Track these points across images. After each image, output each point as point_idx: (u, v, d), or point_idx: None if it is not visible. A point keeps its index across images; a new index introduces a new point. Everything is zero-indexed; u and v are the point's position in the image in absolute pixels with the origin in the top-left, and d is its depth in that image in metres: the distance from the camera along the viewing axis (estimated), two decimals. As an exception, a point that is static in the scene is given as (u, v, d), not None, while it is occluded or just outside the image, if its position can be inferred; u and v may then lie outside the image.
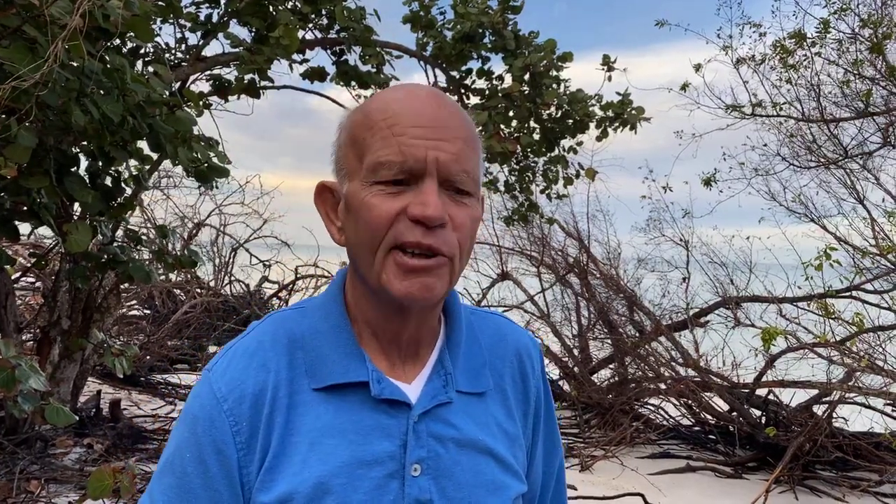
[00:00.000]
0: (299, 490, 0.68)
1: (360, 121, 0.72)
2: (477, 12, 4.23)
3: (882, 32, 4.52)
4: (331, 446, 0.69)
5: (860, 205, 5.86)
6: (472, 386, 0.78)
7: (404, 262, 0.68)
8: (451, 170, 0.69)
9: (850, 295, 6.31)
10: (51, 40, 1.84)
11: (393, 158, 0.68)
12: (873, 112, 5.02)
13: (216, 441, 0.70)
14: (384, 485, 0.69)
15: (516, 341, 0.85)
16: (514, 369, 0.83)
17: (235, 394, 0.71)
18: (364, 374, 0.72)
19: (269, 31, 3.86)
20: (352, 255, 0.74)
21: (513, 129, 4.64)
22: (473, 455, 0.74)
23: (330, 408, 0.71)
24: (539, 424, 0.86)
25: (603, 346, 7.13)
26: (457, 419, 0.75)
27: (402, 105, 0.71)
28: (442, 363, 0.77)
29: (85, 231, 2.61)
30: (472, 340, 0.81)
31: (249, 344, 0.75)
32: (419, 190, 0.68)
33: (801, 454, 5.12)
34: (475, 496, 0.73)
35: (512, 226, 5.98)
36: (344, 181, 0.73)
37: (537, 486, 0.88)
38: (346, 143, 0.74)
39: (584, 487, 4.64)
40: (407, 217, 0.68)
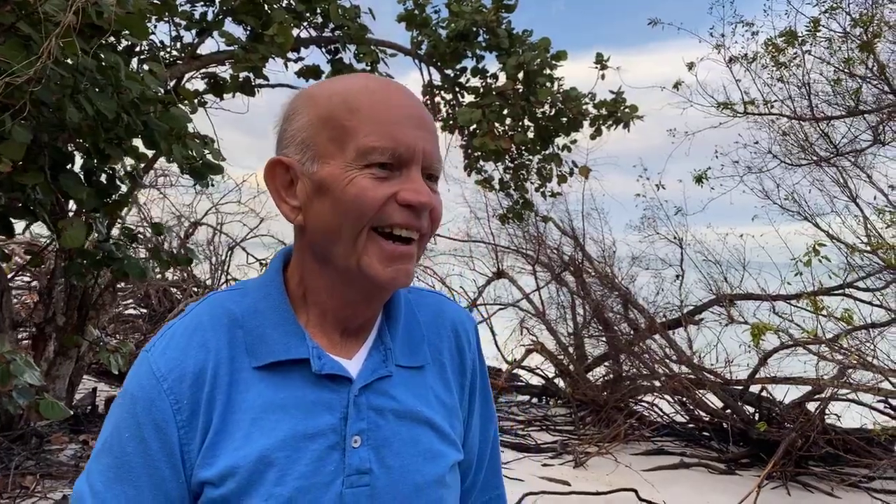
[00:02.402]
0: (241, 464, 0.69)
1: (340, 106, 0.73)
2: (471, 11, 4.25)
3: (872, 31, 4.56)
4: (273, 421, 0.71)
5: (853, 203, 5.90)
6: (410, 360, 0.81)
7: (390, 249, 0.72)
8: (432, 159, 0.74)
9: (843, 292, 6.35)
10: (45, 37, 1.86)
11: (386, 144, 0.70)
12: (864, 110, 5.06)
13: (156, 420, 0.71)
14: (325, 456, 0.72)
15: (453, 318, 0.88)
16: (451, 344, 0.86)
17: (175, 373, 0.72)
18: (304, 351, 0.74)
19: (264, 30, 3.88)
20: (319, 237, 0.74)
21: (507, 127, 4.67)
22: (412, 425, 0.77)
23: (271, 385, 0.73)
24: (475, 396, 0.89)
25: (598, 343, 7.16)
26: (396, 392, 0.77)
27: (386, 94, 0.73)
28: (382, 339, 0.80)
29: (80, 227, 2.62)
30: (410, 317, 0.84)
31: (189, 324, 0.76)
32: (407, 177, 0.72)
33: (794, 450, 5.15)
34: (413, 464, 0.76)
35: (507, 224, 6.00)
36: (313, 161, 0.73)
37: (473, 454, 0.91)
38: (315, 124, 0.74)
39: (578, 483, 4.67)
40: (396, 201, 0.71)
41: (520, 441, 5.79)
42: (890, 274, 5.61)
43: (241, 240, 11.11)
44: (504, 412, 6.83)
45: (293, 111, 0.77)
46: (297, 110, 0.76)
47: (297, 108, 0.76)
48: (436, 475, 0.77)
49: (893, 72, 4.85)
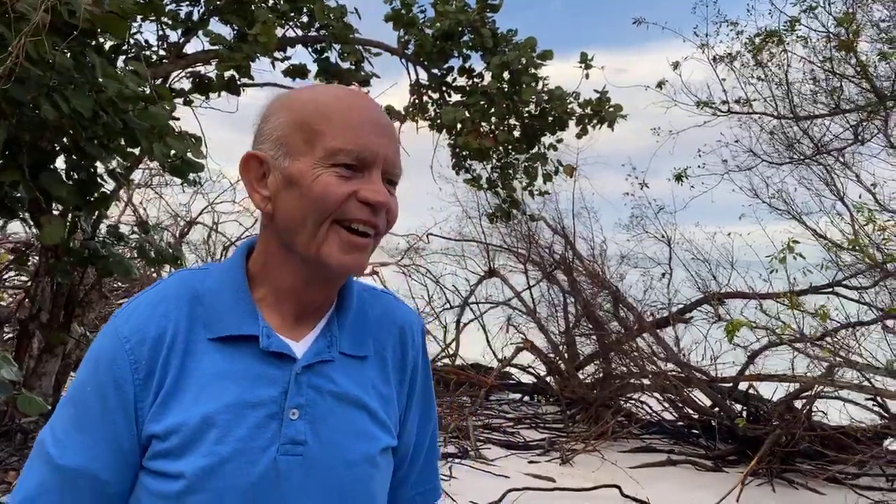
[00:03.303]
0: (186, 422, 0.76)
1: (313, 111, 0.81)
2: (455, 11, 4.28)
3: (852, 30, 4.58)
4: (220, 388, 0.78)
5: (840, 201, 5.93)
6: (354, 350, 0.88)
7: (350, 240, 0.80)
8: (392, 164, 0.84)
9: (831, 291, 6.38)
10: (14, 34, 1.88)
11: (351, 147, 0.79)
12: (845, 109, 5.09)
13: (116, 377, 0.78)
14: (264, 424, 0.78)
15: (401, 319, 0.96)
16: (395, 342, 0.94)
17: (137, 336, 0.79)
18: (255, 328, 0.81)
19: (249, 29, 3.90)
20: (285, 225, 0.81)
21: (493, 126, 4.69)
22: (348, 407, 0.84)
23: (223, 356, 0.80)
24: (414, 391, 0.96)
25: (590, 342, 7.19)
26: (336, 375, 0.84)
27: (354, 104, 0.83)
28: (330, 328, 0.87)
29: (58, 224, 2.65)
30: (360, 312, 0.91)
31: (155, 295, 0.84)
32: (369, 178, 0.81)
33: (779, 447, 5.18)
34: (346, 441, 0.82)
35: (495, 223, 6.03)
36: (285, 157, 0.81)
37: (410, 446, 0.97)
38: (291, 124, 0.82)
39: (564, 480, 4.70)
40: (357, 199, 0.80)
41: (508, 439, 5.82)
42: (876, 273, 5.64)
43: (236, 239, 11.13)
44: (495, 410, 6.86)
45: (271, 112, 0.86)
46: (275, 112, 0.85)
47: (275, 109, 0.85)
48: (366, 454, 0.84)
49: (876, 70, 4.89)
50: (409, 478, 0.98)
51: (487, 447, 5.50)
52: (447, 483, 4.51)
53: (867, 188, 5.49)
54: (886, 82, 4.74)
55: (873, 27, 4.86)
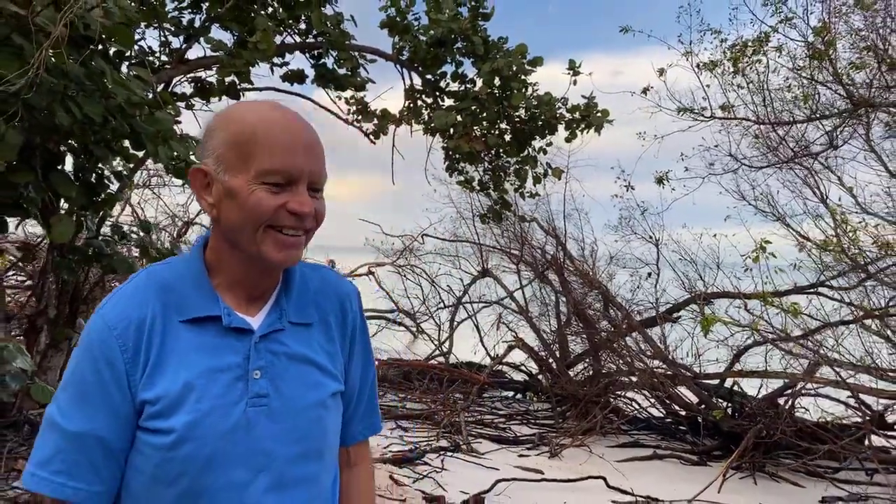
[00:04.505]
0: (171, 389, 0.95)
1: (246, 133, 0.97)
2: (447, 19, 4.44)
3: (827, 41, 4.76)
4: (194, 359, 0.97)
5: (822, 204, 6.11)
6: (300, 318, 1.08)
7: (282, 240, 0.98)
8: (317, 177, 1.01)
9: (815, 291, 6.55)
10: (36, 47, 2.03)
11: (279, 168, 0.96)
12: (820, 116, 5.27)
13: (108, 356, 0.95)
14: (233, 384, 0.98)
15: (340, 289, 1.16)
16: (336, 307, 1.14)
17: (123, 323, 0.97)
18: (217, 310, 1.00)
19: (249, 36, 4.05)
20: (229, 228, 0.99)
21: (484, 130, 4.85)
22: (300, 365, 1.04)
23: (194, 334, 0.99)
24: (355, 345, 1.16)
25: (581, 340, 7.34)
26: (288, 340, 1.04)
27: (282, 125, 0.98)
28: (278, 303, 1.06)
29: (68, 223, 2.79)
30: (303, 286, 1.11)
31: (131, 289, 1.02)
32: (296, 191, 0.98)
33: (761, 441, 5.35)
34: (300, 391, 1.03)
35: (487, 224, 6.18)
36: (224, 172, 0.98)
37: (355, 388, 1.18)
38: (227, 144, 0.98)
39: (551, 472, 4.85)
40: (286, 209, 0.97)
41: (499, 434, 5.98)
42: (858, 274, 5.81)
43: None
44: (487, 407, 7.01)
45: (211, 129, 1.01)
46: (214, 129, 1.01)
47: (215, 127, 1.01)
48: (317, 399, 1.04)
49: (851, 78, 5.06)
50: (355, 415, 1.19)
51: (479, 441, 5.66)
52: (439, 475, 4.66)
53: (847, 190, 5.66)
54: (864, 89, 4.91)
55: (852, 35, 5.04)
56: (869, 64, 4.83)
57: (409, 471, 4.70)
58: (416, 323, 9.73)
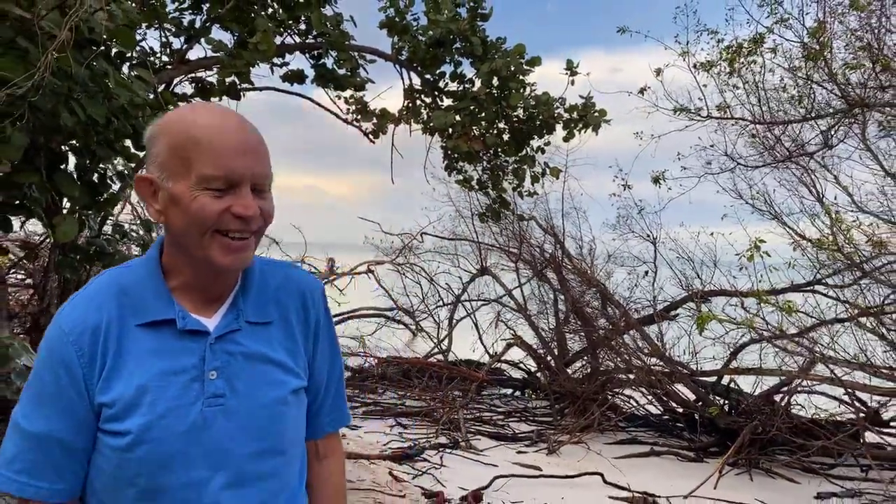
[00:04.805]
0: (127, 392, 0.97)
1: (184, 138, 0.97)
2: (446, 20, 4.47)
3: (821, 41, 4.80)
4: (150, 362, 0.99)
5: (819, 203, 6.15)
6: (259, 318, 1.09)
7: (228, 244, 0.99)
8: (260, 178, 1.01)
9: (811, 289, 6.60)
10: (41, 50, 2.07)
11: (219, 174, 0.96)
12: (815, 116, 5.32)
13: (65, 361, 0.98)
14: (189, 386, 1.00)
15: (302, 285, 1.17)
16: (297, 304, 1.15)
17: (78, 329, 0.99)
18: (172, 313, 1.02)
19: (250, 37, 4.08)
20: (177, 234, 1.01)
21: (483, 130, 4.88)
22: (258, 363, 1.05)
23: (150, 337, 1.01)
24: (318, 340, 1.17)
25: (579, 338, 7.39)
26: (245, 340, 1.06)
27: (223, 131, 0.98)
28: (235, 303, 1.08)
29: (72, 223, 2.83)
30: (262, 285, 1.12)
31: (88, 293, 1.04)
32: (239, 194, 0.98)
33: (758, 439, 5.40)
34: (258, 390, 1.04)
35: (486, 222, 6.22)
36: (168, 179, 0.99)
37: (322, 382, 1.19)
38: (168, 151, 0.99)
39: (549, 469, 4.90)
40: (230, 213, 0.98)
41: (498, 431, 6.02)
42: (853, 272, 5.85)
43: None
44: (486, 404, 7.06)
45: (153, 137, 1.02)
46: (156, 138, 1.01)
47: (156, 135, 1.01)
48: (277, 397, 1.06)
49: (846, 77, 5.10)
50: (322, 408, 1.20)
51: (478, 438, 5.71)
52: (438, 471, 4.71)
53: (844, 189, 5.71)
54: (859, 89, 4.95)
55: (847, 35, 5.08)
56: (863, 64, 4.87)
57: (408, 467, 4.75)
58: (415, 321, 9.77)
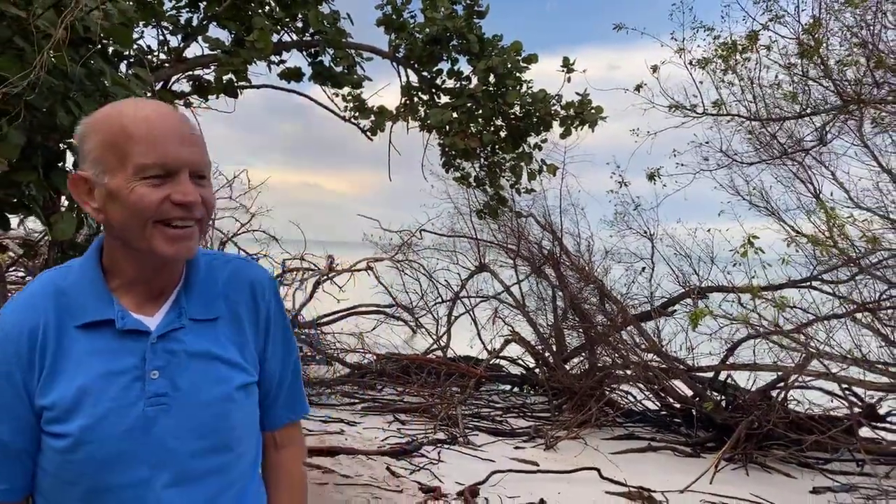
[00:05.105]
0: (67, 394, 0.97)
1: (117, 131, 0.97)
2: (442, 17, 4.48)
3: (817, 39, 4.81)
4: (90, 364, 0.99)
5: (815, 199, 6.16)
6: (204, 314, 1.08)
7: (171, 234, 0.99)
8: (198, 165, 1.01)
9: (809, 285, 6.62)
10: (37, 50, 2.09)
11: (156, 161, 0.96)
12: (810, 112, 5.34)
13: (4, 364, 0.98)
14: (130, 386, 0.99)
15: (251, 278, 1.15)
16: (247, 297, 1.13)
17: (16, 331, 0.99)
18: (112, 313, 1.01)
19: (247, 34, 4.09)
20: (118, 229, 1.00)
21: (480, 127, 4.90)
22: (202, 361, 1.05)
23: (89, 338, 1.00)
24: (269, 333, 1.15)
25: (578, 334, 7.41)
26: (188, 338, 1.04)
27: (156, 120, 0.98)
28: (178, 301, 1.06)
29: (70, 220, 2.85)
30: (208, 280, 1.10)
31: (26, 296, 1.03)
32: (178, 182, 0.98)
33: (755, 434, 5.42)
34: (202, 387, 1.03)
35: (483, 219, 6.24)
36: (103, 175, 0.98)
37: (275, 375, 1.18)
38: (102, 146, 0.98)
39: (546, 464, 4.93)
40: (171, 201, 0.97)
41: (496, 426, 6.05)
42: (850, 268, 5.87)
43: (232, 235, 11.32)
44: (485, 400, 7.09)
45: (85, 134, 1.01)
46: (88, 134, 1.00)
47: (87, 133, 1.01)
48: (222, 394, 1.05)
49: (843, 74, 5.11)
50: (278, 400, 1.20)
51: (475, 434, 5.74)
52: (436, 466, 4.74)
53: (840, 185, 5.73)
54: (855, 85, 4.96)
55: (843, 31, 5.09)
56: (858, 61, 4.88)
57: (406, 462, 4.78)
58: (414, 318, 9.80)
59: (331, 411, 6.18)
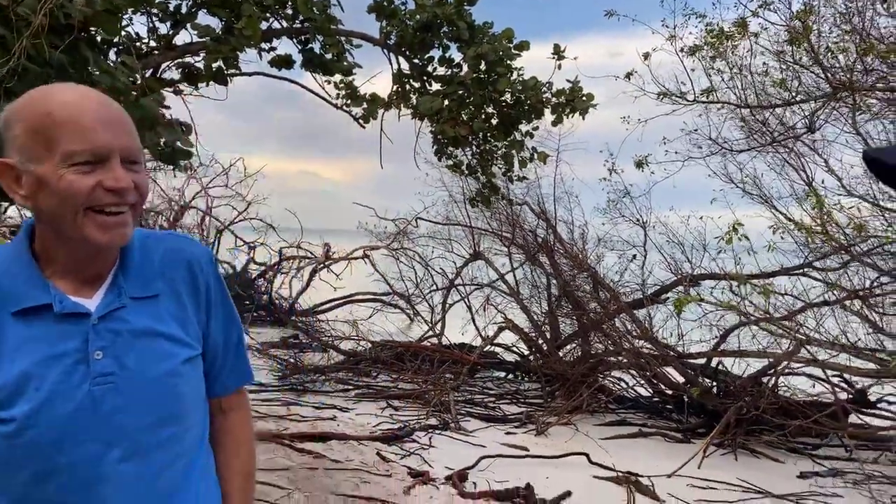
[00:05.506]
0: (8, 380, 0.96)
1: (42, 116, 0.95)
2: (432, 4, 4.47)
3: (807, 25, 4.79)
4: (29, 350, 0.98)
5: (808, 186, 6.17)
6: (143, 292, 1.08)
7: (104, 221, 0.98)
8: (129, 150, 0.99)
9: (801, 273, 6.65)
10: (17, 37, 2.10)
11: (84, 147, 0.95)
12: (799, 100, 5.33)
13: None
14: (73, 369, 0.99)
15: (187, 253, 1.16)
16: (185, 273, 1.14)
17: None
18: (48, 297, 1.00)
19: (236, 22, 4.09)
20: (48, 218, 0.99)
21: (471, 115, 4.90)
22: (146, 339, 1.05)
23: (27, 325, 0.99)
24: (210, 306, 1.17)
25: (572, 321, 7.45)
26: (130, 317, 1.05)
27: (83, 106, 0.97)
28: (116, 281, 1.06)
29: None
30: (144, 259, 1.11)
31: None
32: (109, 168, 0.97)
33: (744, 419, 5.47)
34: (148, 364, 1.04)
35: (476, 207, 6.26)
36: (30, 162, 0.96)
37: (219, 345, 1.19)
38: (27, 133, 0.96)
39: (536, 449, 4.97)
40: (102, 188, 0.96)
41: (489, 413, 6.10)
42: (841, 255, 5.89)
43: (229, 223, 11.35)
44: (479, 387, 7.14)
45: (9, 121, 0.98)
46: (12, 122, 0.98)
47: (11, 119, 0.98)
48: (168, 369, 1.06)
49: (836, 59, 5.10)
50: (224, 367, 1.21)
51: (468, 420, 5.78)
52: (426, 451, 4.79)
53: (831, 172, 5.74)
54: (846, 73, 4.95)
55: (837, 17, 5.06)
56: (847, 48, 4.87)
57: (397, 448, 4.83)
58: (411, 306, 9.84)
59: (324, 398, 6.23)
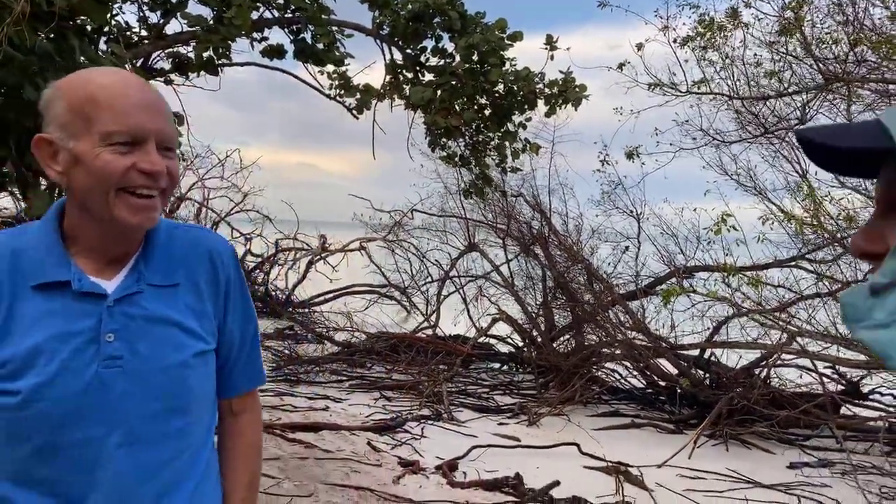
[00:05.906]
0: (19, 353, 0.98)
1: (85, 96, 0.98)
2: (423, -7, 4.45)
3: (799, 16, 4.78)
4: (45, 324, 1.00)
5: (802, 178, 6.17)
6: (163, 280, 1.09)
7: (135, 203, 1.00)
8: (165, 136, 1.02)
9: (794, 265, 6.66)
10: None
11: (122, 128, 0.97)
12: (795, 90, 5.32)
13: None
14: (84, 347, 1.00)
15: (210, 246, 1.17)
16: (206, 266, 1.15)
17: None
18: (68, 275, 1.02)
19: (227, 11, 4.07)
20: (80, 195, 1.01)
21: (462, 105, 4.88)
22: (161, 326, 1.06)
23: (45, 299, 1.01)
24: (229, 302, 1.18)
25: (566, 313, 7.47)
26: (147, 303, 1.06)
27: (121, 88, 1.00)
28: (137, 266, 1.08)
29: (44, 197, 2.87)
30: (168, 248, 1.12)
31: None
32: (144, 151, 0.99)
33: (735, 410, 5.50)
34: (160, 352, 1.05)
35: (469, 198, 6.26)
36: (69, 139, 0.99)
37: (234, 343, 1.20)
38: (69, 111, 0.99)
39: (528, 439, 5.00)
40: (136, 169, 0.99)
41: (482, 403, 6.13)
42: (834, 247, 5.90)
43: (225, 214, 11.33)
44: (473, 378, 7.17)
45: (51, 99, 1.01)
46: (54, 98, 1.01)
47: (54, 97, 1.01)
48: (179, 360, 1.07)
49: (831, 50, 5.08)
50: (235, 368, 1.22)
51: (460, 410, 5.81)
52: (418, 442, 4.82)
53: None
54: (839, 64, 4.94)
55: (830, 8, 5.04)
56: (839, 39, 4.86)
57: (388, 438, 4.85)
58: (407, 297, 9.85)
59: (318, 388, 6.24)
